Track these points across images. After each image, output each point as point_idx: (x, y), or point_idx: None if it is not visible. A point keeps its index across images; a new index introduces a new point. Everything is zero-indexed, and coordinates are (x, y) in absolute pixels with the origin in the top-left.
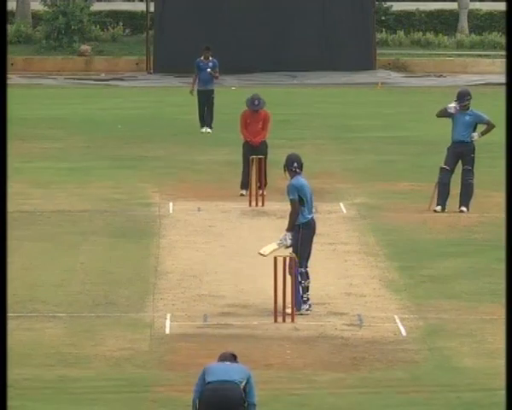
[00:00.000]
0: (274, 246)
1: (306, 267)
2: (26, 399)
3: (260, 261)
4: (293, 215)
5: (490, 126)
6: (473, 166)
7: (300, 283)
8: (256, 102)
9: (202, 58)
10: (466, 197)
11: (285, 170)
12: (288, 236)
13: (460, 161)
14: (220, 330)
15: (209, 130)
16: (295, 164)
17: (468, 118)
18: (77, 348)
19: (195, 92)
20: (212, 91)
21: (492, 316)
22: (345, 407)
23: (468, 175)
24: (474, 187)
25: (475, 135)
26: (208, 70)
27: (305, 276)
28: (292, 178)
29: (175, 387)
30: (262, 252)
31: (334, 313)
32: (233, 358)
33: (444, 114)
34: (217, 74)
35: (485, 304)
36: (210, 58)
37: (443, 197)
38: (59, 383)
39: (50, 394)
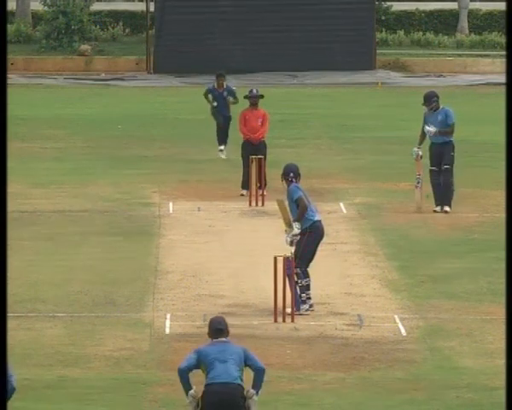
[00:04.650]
0: (285, 219)
1: (306, 267)
2: (27, 399)
3: (260, 261)
4: (303, 209)
5: (450, 131)
6: (452, 165)
7: (297, 282)
8: (254, 91)
9: (215, 86)
10: (447, 197)
11: (282, 179)
12: (296, 225)
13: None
14: None
15: (222, 148)
16: (291, 174)
17: (440, 117)
18: (77, 348)
19: (211, 112)
20: (228, 118)
21: (492, 316)
22: (345, 407)
23: (446, 174)
24: (453, 185)
25: (432, 130)
26: (226, 97)
27: (302, 275)
28: (288, 186)
29: (175, 387)
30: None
31: (334, 313)
32: (224, 331)
33: (423, 137)
34: (236, 100)
35: (485, 304)
36: (224, 85)
37: (439, 197)
38: (59, 383)
39: (50, 394)
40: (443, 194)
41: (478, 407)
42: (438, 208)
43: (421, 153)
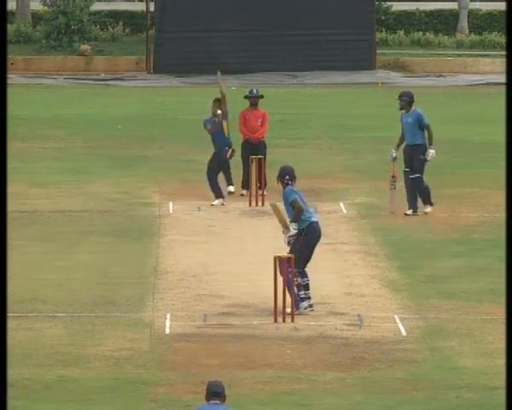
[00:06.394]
0: (281, 221)
1: (304, 268)
2: (26, 399)
3: (260, 261)
4: (299, 212)
5: (429, 133)
6: (421, 172)
7: (294, 282)
8: (254, 91)
9: (211, 116)
10: (426, 198)
11: (278, 181)
12: (293, 225)
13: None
14: (220, 330)
15: (218, 202)
16: (287, 176)
17: (410, 120)
18: (77, 348)
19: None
20: (226, 151)
21: (492, 316)
22: (345, 407)
23: (416, 183)
24: (428, 187)
25: (431, 153)
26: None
27: (301, 276)
28: (284, 188)
29: (175, 387)
30: (275, 204)
31: (334, 313)
32: (221, 395)
33: (401, 140)
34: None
35: (485, 304)
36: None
37: (413, 199)
38: (59, 383)
39: (50, 394)
40: (420, 196)
41: (478, 407)
42: (409, 211)
43: (395, 155)
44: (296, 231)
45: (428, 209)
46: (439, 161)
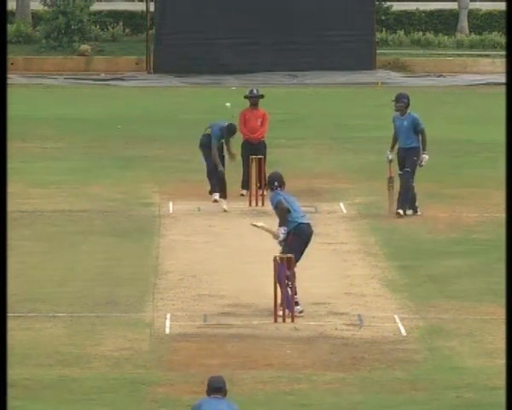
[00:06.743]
0: (268, 232)
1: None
2: (26, 399)
3: (260, 261)
4: (283, 212)
5: (423, 138)
6: (413, 169)
7: (288, 284)
8: (255, 91)
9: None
10: (404, 200)
11: (267, 188)
12: (281, 230)
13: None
14: (220, 330)
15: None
16: (276, 183)
17: (405, 123)
18: (77, 348)
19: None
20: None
21: (492, 316)
22: (345, 407)
23: (406, 176)
24: (413, 189)
25: (425, 158)
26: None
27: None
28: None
29: (175, 387)
30: (255, 223)
31: (334, 313)
32: (222, 390)
33: (395, 142)
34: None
35: (485, 304)
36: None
37: (411, 200)
38: (59, 383)
39: (50, 394)
40: (399, 196)
41: (478, 407)
42: (409, 211)
43: (391, 157)
44: (284, 236)
45: (400, 211)
46: (439, 161)
